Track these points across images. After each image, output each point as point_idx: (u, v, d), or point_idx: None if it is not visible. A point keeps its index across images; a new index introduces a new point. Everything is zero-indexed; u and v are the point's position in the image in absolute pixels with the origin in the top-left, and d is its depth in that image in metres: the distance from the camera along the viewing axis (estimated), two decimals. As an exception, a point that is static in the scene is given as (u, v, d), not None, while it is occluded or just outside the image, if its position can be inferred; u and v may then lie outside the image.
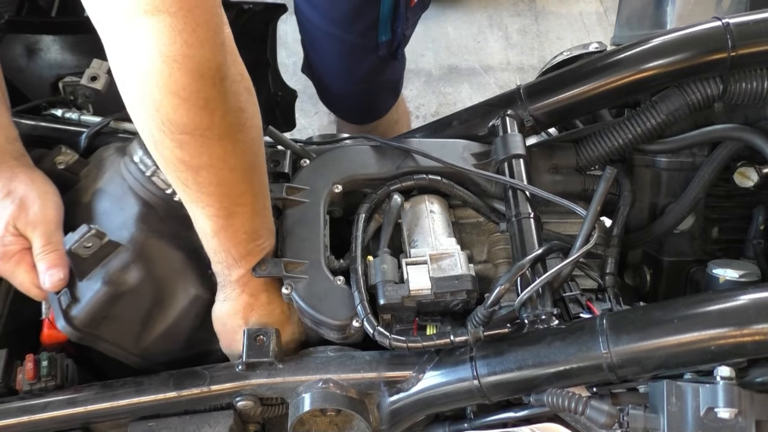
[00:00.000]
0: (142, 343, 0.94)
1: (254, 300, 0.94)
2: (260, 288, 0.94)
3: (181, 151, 0.78)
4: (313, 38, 1.56)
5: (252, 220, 0.89)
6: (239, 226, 0.88)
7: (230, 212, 0.86)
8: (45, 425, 0.91)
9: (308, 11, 1.48)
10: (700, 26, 1.04)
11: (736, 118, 1.09)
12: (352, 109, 1.73)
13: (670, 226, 1.12)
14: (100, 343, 0.92)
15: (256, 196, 0.89)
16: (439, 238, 0.99)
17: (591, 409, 0.79)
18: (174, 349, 0.97)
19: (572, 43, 1.27)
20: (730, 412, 0.75)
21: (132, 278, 0.90)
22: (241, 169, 0.84)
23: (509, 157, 1.04)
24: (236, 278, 0.92)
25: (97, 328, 0.91)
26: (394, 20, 1.45)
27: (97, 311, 0.89)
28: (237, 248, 0.89)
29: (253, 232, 0.90)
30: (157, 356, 0.96)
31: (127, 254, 0.90)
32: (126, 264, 0.90)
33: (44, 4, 1.44)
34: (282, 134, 1.07)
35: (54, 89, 1.24)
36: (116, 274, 0.89)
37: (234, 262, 0.91)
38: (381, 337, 0.88)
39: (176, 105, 0.74)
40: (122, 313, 0.91)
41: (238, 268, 0.91)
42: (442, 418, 0.97)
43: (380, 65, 1.54)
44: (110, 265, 0.90)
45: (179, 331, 0.96)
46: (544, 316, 0.87)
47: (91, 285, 0.89)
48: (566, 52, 1.23)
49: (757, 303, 0.77)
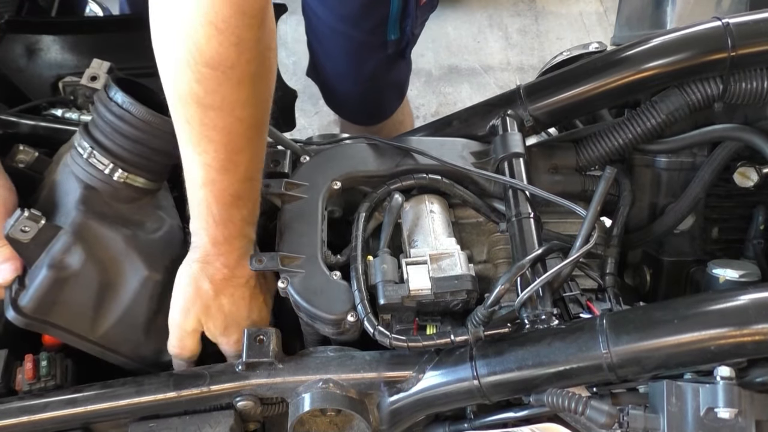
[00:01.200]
0: (98, 330, 0.93)
1: (228, 271, 0.92)
2: (236, 263, 0.93)
3: (197, 86, 0.78)
4: (321, 36, 1.56)
5: (242, 183, 0.88)
6: (227, 185, 0.87)
7: (224, 166, 0.85)
8: (45, 425, 0.91)
9: (317, 8, 1.48)
10: (700, 26, 1.04)
11: (736, 118, 1.09)
12: (357, 110, 1.73)
13: (670, 226, 1.12)
14: (53, 331, 0.91)
15: (251, 161, 0.88)
16: (439, 238, 0.99)
17: (591, 409, 0.79)
18: (135, 337, 0.95)
19: (572, 43, 1.27)
20: (730, 412, 0.75)
21: (75, 261, 0.89)
22: (247, 122, 0.84)
23: (508, 156, 1.04)
24: (212, 243, 0.90)
25: (46, 315, 0.90)
26: (404, 18, 1.45)
27: (43, 297, 0.89)
28: (219, 208, 0.88)
29: (238, 198, 0.89)
30: (118, 345, 0.95)
31: (68, 237, 0.89)
32: (67, 247, 0.89)
33: (44, 4, 1.44)
34: (282, 134, 1.07)
35: (54, 89, 1.24)
36: (58, 258, 0.89)
37: (213, 224, 0.89)
38: (382, 337, 0.88)
39: (210, 35, 0.74)
40: (71, 298, 0.90)
41: (215, 232, 0.90)
42: (442, 418, 0.97)
43: (387, 64, 1.54)
44: (53, 250, 0.89)
45: (136, 315, 0.94)
46: (544, 316, 0.87)
47: (36, 272, 0.89)
48: (566, 52, 1.23)
49: (757, 303, 0.77)
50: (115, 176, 0.91)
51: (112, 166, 0.91)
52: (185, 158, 0.87)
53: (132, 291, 0.93)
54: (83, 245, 0.90)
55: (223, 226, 0.89)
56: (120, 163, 0.91)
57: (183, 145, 0.86)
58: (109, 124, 0.91)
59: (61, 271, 0.89)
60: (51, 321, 0.90)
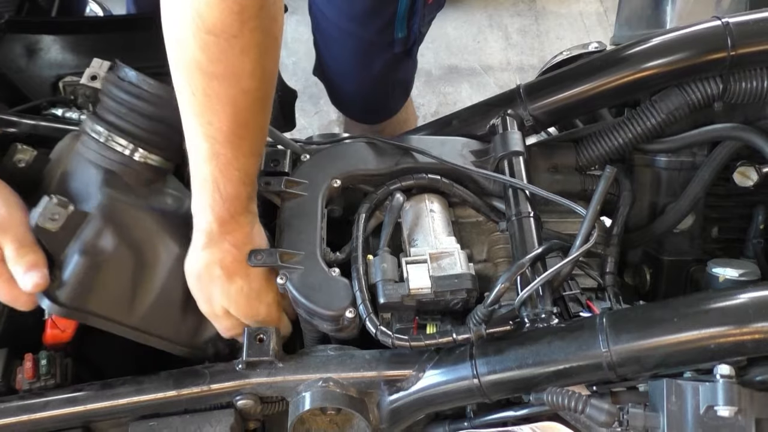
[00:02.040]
0: (136, 313, 0.92)
1: (237, 252, 0.91)
2: (244, 240, 0.91)
3: (201, 53, 0.78)
4: (328, 36, 1.56)
5: (247, 158, 0.87)
6: (233, 160, 0.86)
7: (229, 139, 0.84)
8: (45, 424, 0.91)
9: (325, 7, 1.48)
10: (699, 26, 1.04)
11: (736, 117, 1.09)
12: (363, 109, 1.74)
13: (669, 225, 1.12)
14: (92, 319, 0.90)
15: (256, 135, 0.88)
16: (439, 237, 0.99)
17: (591, 408, 0.79)
18: (173, 317, 0.95)
19: (572, 43, 1.27)
20: (730, 411, 0.75)
21: (108, 244, 0.88)
22: (252, 95, 0.83)
23: (508, 155, 1.04)
24: (218, 222, 0.89)
25: (84, 304, 0.88)
26: (411, 17, 1.45)
27: (79, 285, 0.87)
28: (227, 184, 0.87)
29: (245, 174, 0.88)
30: (157, 327, 0.94)
31: (98, 221, 0.88)
32: (98, 231, 0.88)
33: (44, 4, 1.44)
34: (282, 134, 1.07)
35: (54, 89, 1.24)
36: (91, 243, 0.87)
37: (220, 201, 0.87)
38: (384, 337, 0.88)
39: (211, 2, 0.74)
40: (107, 283, 0.89)
41: (221, 210, 0.88)
42: (442, 416, 0.97)
43: (394, 63, 1.54)
44: (83, 236, 0.88)
45: (172, 294, 0.93)
46: (543, 315, 0.88)
47: (69, 260, 0.87)
48: (566, 52, 1.24)
49: (757, 302, 0.77)
50: (135, 156, 0.91)
51: (132, 146, 0.90)
52: (189, 133, 0.85)
53: (166, 270, 0.93)
54: (114, 228, 0.89)
55: (230, 203, 0.88)
56: (139, 142, 0.91)
57: (187, 119, 0.84)
58: (124, 104, 0.91)
59: (95, 256, 0.87)
60: (89, 309, 0.89)
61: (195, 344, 0.98)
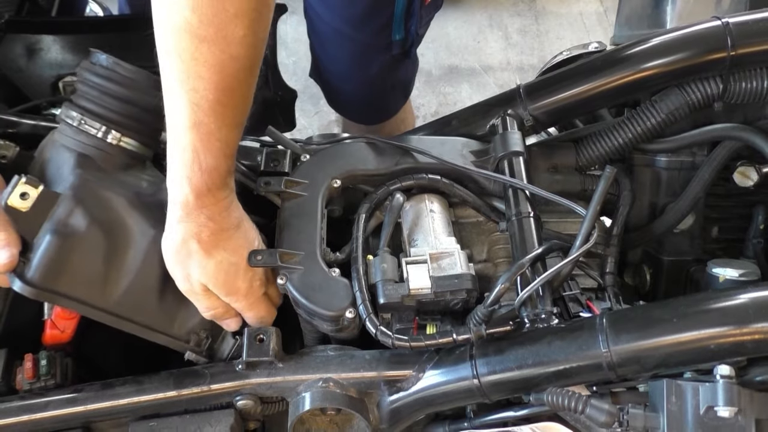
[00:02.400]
0: (110, 297, 0.90)
1: (215, 225, 0.88)
2: (222, 214, 0.89)
3: (192, 14, 0.76)
4: (325, 39, 1.55)
5: (230, 130, 0.85)
6: (215, 130, 0.83)
7: (213, 107, 0.82)
8: (45, 424, 0.91)
9: (321, 10, 1.48)
10: (699, 26, 1.04)
11: (736, 117, 1.09)
12: (362, 110, 1.73)
13: (669, 225, 1.12)
14: (64, 301, 0.89)
15: (240, 105, 0.85)
16: (439, 237, 0.99)
17: (591, 408, 0.79)
18: (149, 302, 0.93)
19: (572, 43, 1.28)
20: (730, 411, 0.75)
21: (79, 224, 0.87)
22: (241, 62, 0.81)
23: (508, 155, 1.04)
24: (195, 195, 0.85)
25: (55, 284, 0.87)
26: (408, 18, 1.45)
27: (50, 265, 0.86)
28: (207, 154, 0.84)
29: (226, 146, 0.86)
30: (133, 312, 0.92)
31: (69, 201, 0.87)
32: (70, 210, 0.87)
33: (44, 4, 1.44)
34: (282, 134, 1.07)
35: (54, 89, 1.24)
36: (62, 223, 0.87)
37: (198, 172, 0.84)
38: (384, 337, 0.88)
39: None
40: (79, 264, 0.88)
41: (199, 182, 0.85)
42: (442, 417, 0.97)
43: (392, 64, 1.54)
44: (55, 216, 0.87)
45: (148, 278, 0.92)
46: (543, 315, 0.87)
47: (40, 240, 0.86)
48: (566, 52, 1.24)
49: (757, 302, 0.77)
50: (108, 138, 0.90)
51: (105, 128, 0.90)
52: (171, 99, 0.83)
53: (142, 252, 0.91)
54: (86, 208, 0.88)
55: (209, 175, 0.85)
56: (112, 125, 0.90)
57: (170, 84, 0.82)
58: (97, 87, 0.90)
59: (67, 236, 0.87)
60: (60, 291, 0.88)
61: (174, 333, 0.96)
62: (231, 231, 0.91)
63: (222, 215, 0.89)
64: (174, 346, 0.96)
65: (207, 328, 0.97)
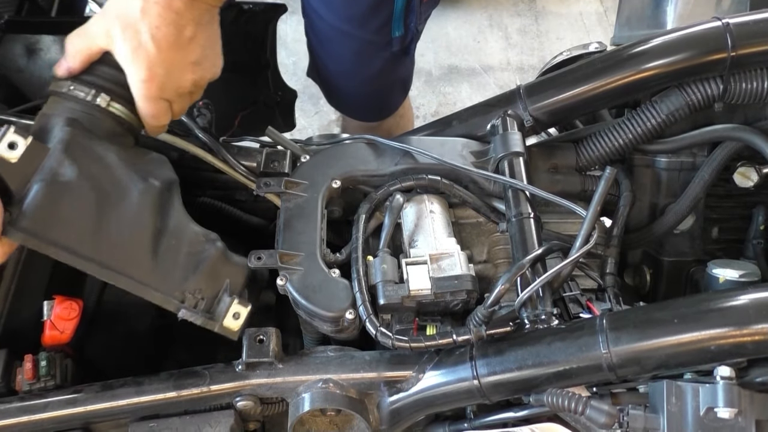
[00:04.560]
0: (101, 247, 0.88)
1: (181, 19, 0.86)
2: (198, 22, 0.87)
3: None
4: (324, 37, 1.55)
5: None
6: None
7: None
8: (45, 425, 0.91)
9: (321, 10, 1.48)
10: (700, 26, 1.04)
11: (736, 118, 1.09)
12: (362, 108, 1.73)
13: (670, 226, 1.12)
14: (53, 250, 0.86)
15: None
16: (439, 238, 0.99)
17: (591, 409, 0.79)
18: (142, 257, 0.91)
19: (572, 43, 1.27)
20: (730, 412, 0.75)
21: (68, 173, 0.87)
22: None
23: (508, 155, 1.04)
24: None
25: (45, 231, 0.85)
26: (408, 15, 1.45)
27: (40, 211, 0.85)
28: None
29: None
30: (125, 266, 0.90)
31: (58, 153, 0.87)
32: (59, 161, 0.87)
33: (44, 4, 1.44)
34: (282, 134, 1.07)
35: (54, 89, 1.23)
36: (52, 171, 0.86)
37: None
38: (384, 338, 0.88)
39: None
40: (69, 212, 0.86)
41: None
42: (442, 418, 0.97)
43: (393, 61, 1.54)
44: (45, 167, 0.86)
45: (140, 230, 0.90)
46: (544, 316, 0.87)
47: (30, 190, 0.85)
48: (566, 52, 1.24)
49: (757, 303, 0.77)
50: (97, 101, 0.90)
51: (94, 92, 0.90)
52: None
53: (134, 203, 0.90)
54: (75, 159, 0.87)
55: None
56: (100, 89, 0.91)
57: None
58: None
59: (57, 185, 0.85)
60: (50, 237, 0.86)
61: (168, 290, 0.93)
62: (178, 5, 0.88)
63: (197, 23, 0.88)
64: (168, 305, 0.93)
65: (202, 288, 0.94)
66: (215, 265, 0.94)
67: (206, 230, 0.96)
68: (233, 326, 0.92)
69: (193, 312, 0.92)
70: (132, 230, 0.90)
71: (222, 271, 0.94)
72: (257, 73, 1.49)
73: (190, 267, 0.93)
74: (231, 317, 0.92)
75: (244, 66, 1.46)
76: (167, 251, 0.92)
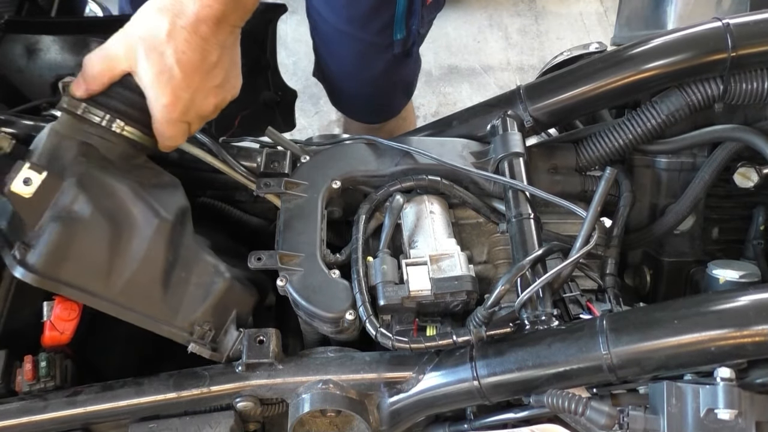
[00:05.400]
0: (114, 286, 0.89)
1: (194, 18, 0.83)
2: (207, 17, 0.84)
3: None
4: (327, 38, 1.56)
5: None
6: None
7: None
8: (45, 426, 0.90)
9: (323, 10, 1.48)
10: (700, 26, 1.04)
11: (736, 118, 1.09)
12: (365, 109, 1.74)
13: (670, 226, 1.12)
14: (66, 289, 0.87)
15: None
16: (439, 238, 0.99)
17: (591, 410, 0.79)
18: (153, 292, 0.91)
19: (572, 43, 1.27)
20: (730, 414, 0.75)
21: (83, 211, 0.86)
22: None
23: (508, 156, 1.04)
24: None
25: (58, 272, 0.86)
26: (410, 18, 1.45)
27: (54, 252, 0.85)
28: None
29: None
30: (136, 302, 0.90)
31: (73, 188, 0.86)
32: (74, 197, 0.86)
33: (44, 4, 1.44)
34: (282, 135, 1.07)
35: (54, 89, 1.23)
36: (66, 210, 0.86)
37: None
38: (383, 339, 0.88)
39: None
40: (82, 252, 0.87)
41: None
42: (442, 418, 0.97)
43: (394, 63, 1.54)
44: (59, 203, 0.86)
45: (152, 266, 0.90)
46: (544, 317, 0.87)
47: (43, 228, 0.85)
48: (566, 52, 1.23)
49: (757, 304, 0.77)
50: (113, 127, 0.90)
51: (109, 117, 0.90)
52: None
53: (146, 240, 0.90)
54: (89, 195, 0.87)
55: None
56: (116, 114, 0.90)
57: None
58: None
59: (70, 223, 0.85)
60: (63, 279, 0.86)
61: (178, 324, 0.94)
62: (204, 33, 0.86)
63: (209, 20, 0.85)
64: (177, 338, 0.94)
65: (210, 320, 0.95)
66: (223, 297, 0.95)
67: (216, 259, 0.96)
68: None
69: (201, 345, 0.93)
70: (144, 267, 0.90)
71: (230, 302, 0.95)
72: (257, 73, 1.48)
73: (199, 298, 0.94)
74: (237, 350, 0.93)
75: (244, 66, 1.46)
76: (177, 284, 0.92)
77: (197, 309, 0.94)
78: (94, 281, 0.88)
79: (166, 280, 0.92)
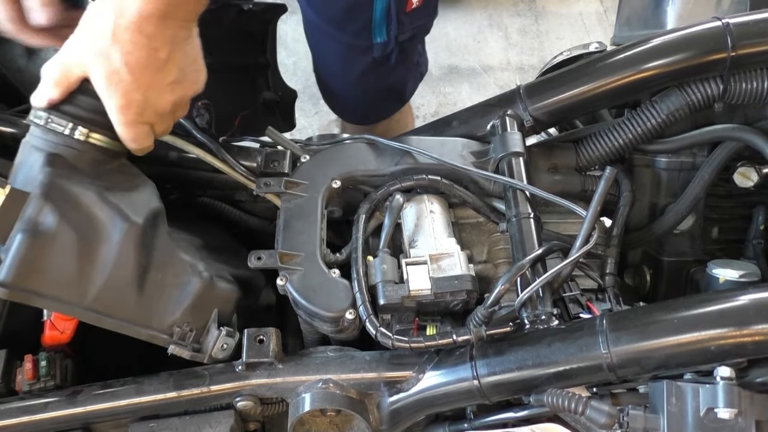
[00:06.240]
0: (88, 294, 0.88)
1: (137, 16, 0.80)
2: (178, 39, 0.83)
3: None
4: (313, 37, 1.57)
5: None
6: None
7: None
8: (45, 425, 0.91)
9: (306, 10, 1.50)
10: (700, 26, 1.04)
11: (736, 118, 1.09)
12: (351, 110, 1.74)
13: (670, 226, 1.12)
14: (38, 300, 0.87)
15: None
16: (439, 238, 0.99)
17: (591, 410, 0.79)
18: (128, 296, 0.90)
19: (572, 43, 1.27)
20: (730, 413, 0.75)
21: (49, 222, 0.86)
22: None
23: (508, 155, 1.04)
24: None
25: (29, 283, 0.85)
26: (389, 23, 1.45)
27: (23, 264, 0.84)
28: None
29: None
30: (112, 308, 0.90)
31: (38, 199, 0.86)
32: (39, 208, 0.86)
33: (44, 4, 1.44)
34: (281, 134, 1.07)
35: (54, 89, 1.23)
36: (32, 221, 0.85)
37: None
38: (383, 338, 0.88)
39: None
40: (52, 262, 0.86)
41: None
42: (442, 418, 0.97)
43: (375, 68, 1.54)
44: (25, 216, 0.86)
45: (125, 271, 0.90)
46: (544, 317, 0.87)
47: (11, 241, 0.85)
48: (566, 52, 1.23)
49: (757, 303, 0.77)
50: (75, 134, 0.89)
51: (72, 125, 0.89)
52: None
53: (116, 245, 0.89)
54: (55, 205, 0.87)
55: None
56: (78, 122, 0.89)
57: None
58: None
59: (37, 235, 0.85)
60: (35, 289, 0.86)
61: (156, 326, 0.93)
62: (151, 30, 0.83)
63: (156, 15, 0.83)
64: (157, 341, 0.93)
65: (190, 321, 0.94)
66: (202, 296, 0.93)
67: (195, 258, 0.95)
68: (222, 357, 0.93)
69: (182, 346, 0.92)
70: (116, 272, 0.89)
71: (210, 301, 0.94)
72: (257, 73, 1.49)
73: (176, 299, 0.93)
74: (219, 348, 0.93)
75: (244, 66, 1.46)
76: (153, 286, 0.91)
77: (175, 310, 0.93)
78: (66, 291, 0.87)
79: (140, 284, 0.91)
